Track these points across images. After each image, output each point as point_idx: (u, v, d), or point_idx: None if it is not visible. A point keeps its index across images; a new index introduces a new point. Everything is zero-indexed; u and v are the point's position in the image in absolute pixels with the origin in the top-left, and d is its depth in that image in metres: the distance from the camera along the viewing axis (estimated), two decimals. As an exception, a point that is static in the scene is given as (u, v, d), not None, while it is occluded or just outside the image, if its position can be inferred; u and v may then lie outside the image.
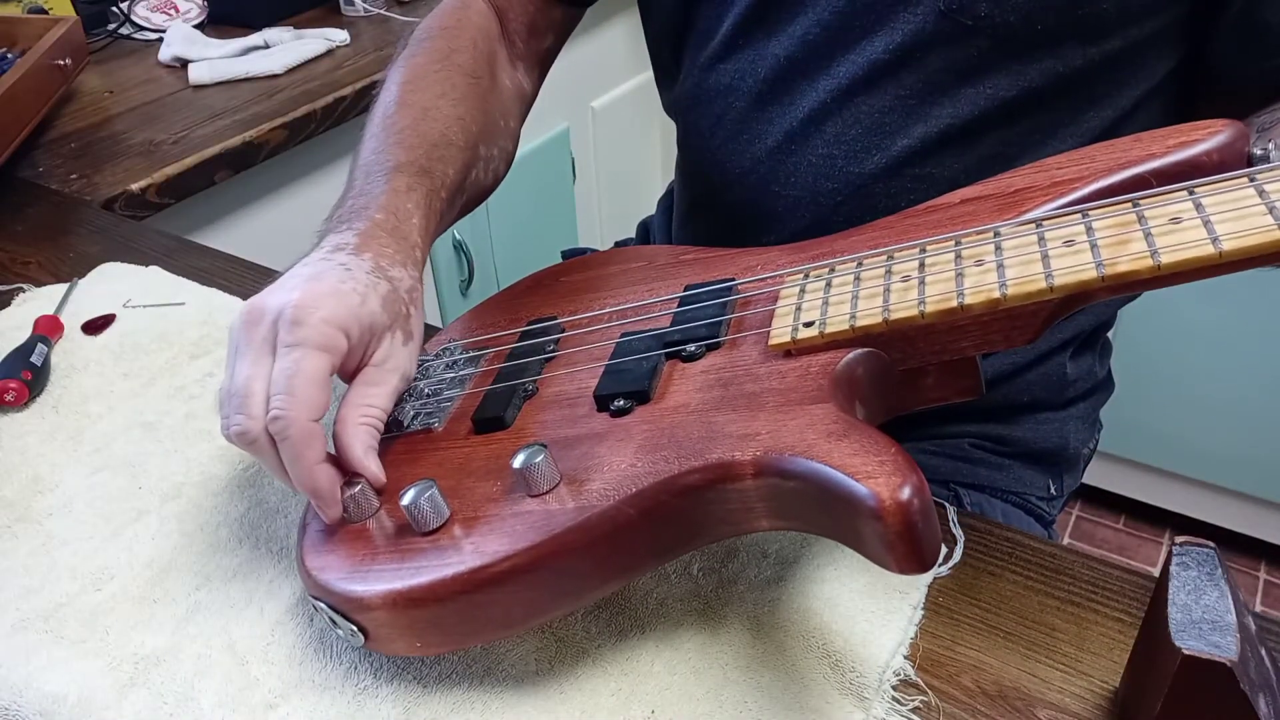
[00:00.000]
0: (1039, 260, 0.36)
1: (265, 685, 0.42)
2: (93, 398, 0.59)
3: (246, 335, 0.42)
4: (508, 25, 0.65)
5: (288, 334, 0.41)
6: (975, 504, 0.64)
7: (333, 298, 0.42)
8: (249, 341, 0.42)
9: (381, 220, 0.48)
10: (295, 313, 0.41)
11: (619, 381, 0.42)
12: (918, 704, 0.40)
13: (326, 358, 0.41)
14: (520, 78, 0.66)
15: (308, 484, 0.41)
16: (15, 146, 0.87)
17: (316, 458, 0.41)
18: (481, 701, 0.40)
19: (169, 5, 1.26)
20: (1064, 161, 0.41)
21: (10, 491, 0.53)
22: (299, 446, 0.40)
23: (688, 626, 0.43)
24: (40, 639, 0.44)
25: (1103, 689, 0.40)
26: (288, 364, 0.40)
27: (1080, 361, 0.67)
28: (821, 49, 0.57)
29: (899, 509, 0.30)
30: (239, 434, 0.41)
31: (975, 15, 0.52)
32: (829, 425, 0.34)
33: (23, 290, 0.70)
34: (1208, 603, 0.34)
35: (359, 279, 0.44)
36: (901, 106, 0.56)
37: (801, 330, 0.39)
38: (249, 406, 0.40)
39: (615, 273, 0.53)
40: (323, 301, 0.42)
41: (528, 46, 0.66)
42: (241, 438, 0.41)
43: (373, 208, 0.48)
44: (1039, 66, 0.53)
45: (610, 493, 0.37)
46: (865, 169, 0.58)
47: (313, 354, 0.41)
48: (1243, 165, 0.37)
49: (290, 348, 0.41)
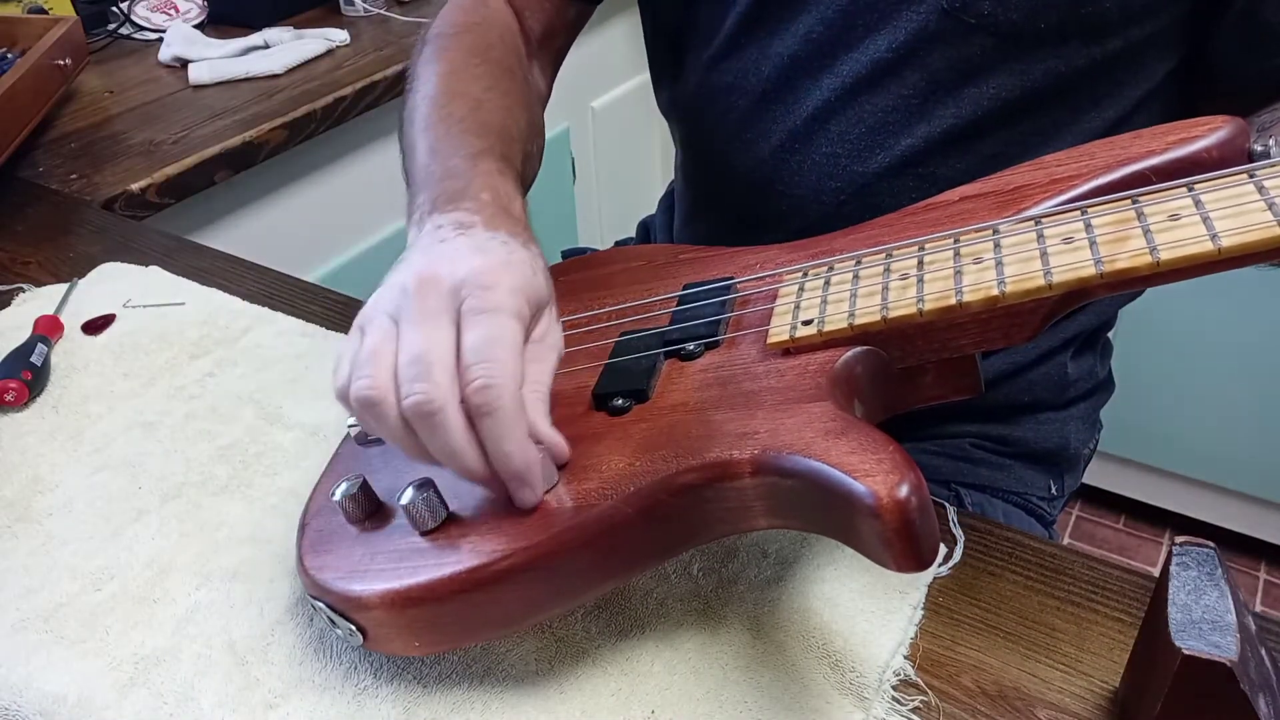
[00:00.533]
0: (1037, 258, 0.36)
1: (265, 685, 0.42)
2: (93, 398, 0.59)
3: (419, 303, 0.38)
4: (524, 23, 0.65)
5: (480, 300, 0.37)
6: (976, 504, 0.64)
7: (509, 269, 0.39)
8: (423, 309, 0.38)
9: (490, 200, 0.45)
10: (486, 278, 0.38)
11: (617, 380, 0.42)
12: (918, 704, 0.40)
13: (522, 327, 0.38)
14: (537, 77, 0.66)
15: (518, 460, 0.37)
16: (15, 146, 0.87)
17: (525, 432, 0.37)
18: (481, 701, 0.40)
19: (169, 5, 1.26)
20: (1063, 159, 0.41)
21: (10, 491, 0.53)
22: (511, 418, 0.36)
23: (688, 626, 0.43)
24: (40, 639, 0.44)
25: (1103, 689, 0.40)
26: (489, 330, 0.37)
27: (1081, 361, 0.67)
28: (825, 47, 0.57)
29: (896, 507, 0.30)
30: (418, 405, 0.36)
31: (978, 14, 0.51)
32: (827, 423, 0.34)
33: (23, 290, 0.70)
34: (1208, 603, 0.34)
35: (519, 253, 0.41)
36: (905, 105, 0.56)
37: (800, 329, 0.39)
38: (432, 374, 0.36)
39: (615, 272, 0.53)
40: (504, 271, 0.39)
41: (542, 45, 0.66)
42: (419, 409, 0.36)
43: (475, 188, 0.45)
44: (1042, 66, 0.53)
45: (608, 492, 0.37)
46: (869, 168, 0.58)
47: (512, 321, 0.37)
48: (1243, 162, 0.37)
49: (488, 314, 0.37)
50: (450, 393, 0.36)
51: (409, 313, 0.38)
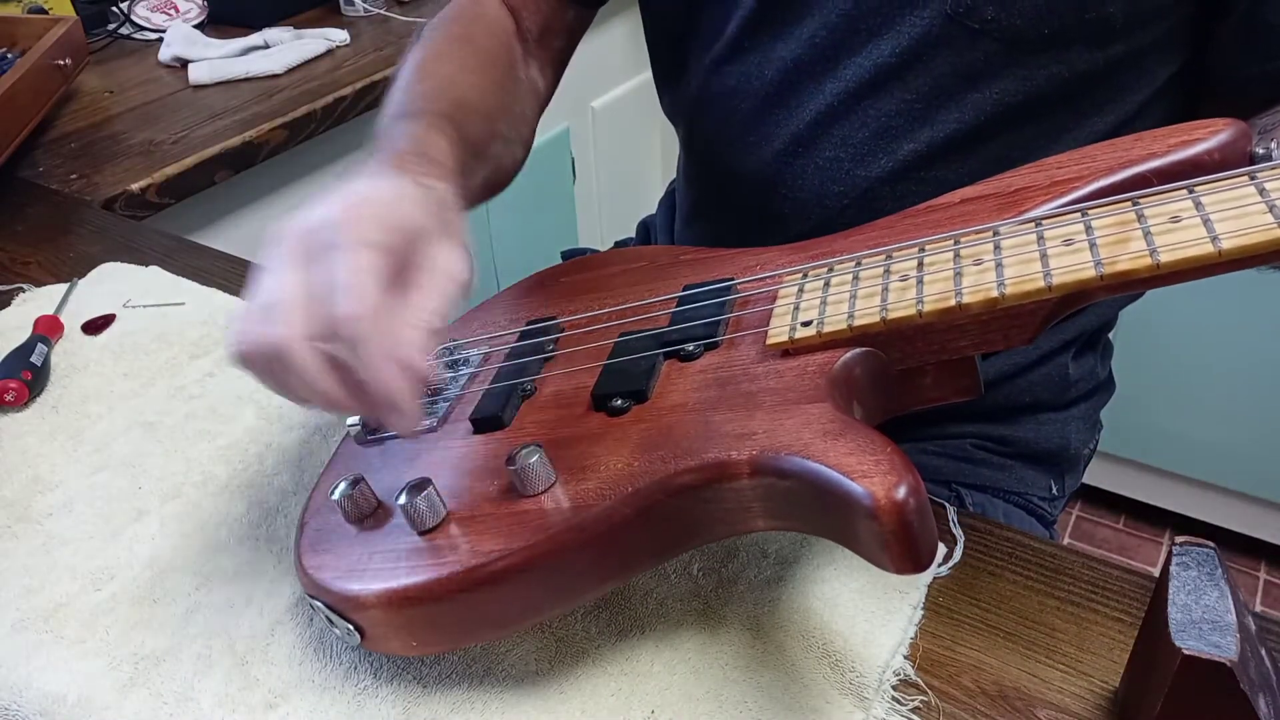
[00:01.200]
0: (1037, 259, 0.36)
1: (265, 685, 0.42)
2: (93, 398, 0.59)
3: (273, 253, 0.36)
4: (521, 24, 0.65)
5: (334, 234, 0.36)
6: (978, 504, 0.64)
7: (367, 202, 0.37)
8: (276, 258, 0.36)
9: (406, 148, 0.44)
10: (337, 215, 0.36)
11: (616, 381, 0.42)
12: (918, 704, 0.40)
13: (378, 255, 0.36)
14: (535, 75, 0.66)
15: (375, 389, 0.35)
16: (15, 146, 0.87)
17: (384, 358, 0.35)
18: (481, 701, 0.40)
19: (169, 5, 1.26)
20: (1064, 161, 0.41)
21: (10, 491, 0.53)
22: (380, 346, 0.34)
23: (688, 626, 0.43)
24: (40, 639, 0.44)
25: (1103, 689, 0.40)
26: (345, 261, 0.35)
27: (1082, 362, 0.67)
28: (828, 52, 0.57)
29: (894, 508, 0.30)
30: (260, 348, 0.35)
31: (982, 19, 0.51)
32: (825, 424, 0.34)
33: (23, 290, 0.70)
34: (1208, 603, 0.34)
35: (391, 183, 0.39)
36: (908, 110, 0.56)
37: (799, 330, 0.39)
38: (274, 316, 0.35)
39: (615, 273, 0.53)
40: (361, 205, 0.37)
41: (540, 45, 0.66)
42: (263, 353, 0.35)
43: (395, 141, 0.45)
44: (1045, 71, 0.53)
45: (606, 492, 0.37)
46: (871, 173, 0.58)
47: (363, 250, 0.35)
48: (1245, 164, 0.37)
49: (335, 248, 0.35)
50: (295, 331, 0.35)
51: (266, 266, 0.37)
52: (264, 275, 0.37)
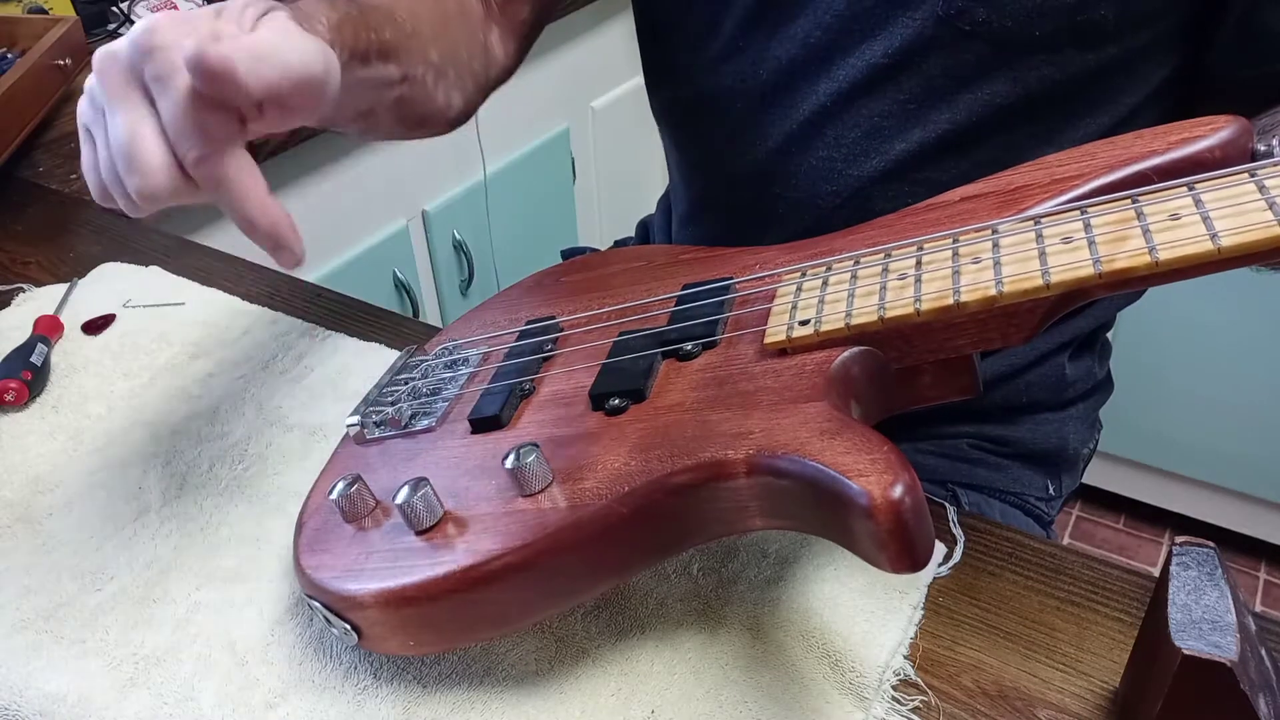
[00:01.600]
0: (1036, 257, 0.36)
1: (265, 685, 0.42)
2: (93, 398, 0.59)
3: (102, 85, 0.36)
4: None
5: (150, 64, 0.35)
6: (973, 504, 0.64)
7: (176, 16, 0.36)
8: (109, 91, 0.36)
9: None
10: (145, 38, 0.35)
11: (614, 380, 0.42)
12: (918, 704, 0.40)
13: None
14: (494, 41, 0.63)
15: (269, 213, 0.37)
16: (15, 146, 0.87)
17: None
18: (481, 701, 0.40)
19: (168, 5, 1.26)
20: (1064, 159, 0.41)
21: (10, 491, 0.53)
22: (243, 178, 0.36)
23: (688, 626, 0.43)
24: (40, 639, 0.44)
25: (1103, 689, 0.40)
26: (176, 95, 0.35)
27: (1079, 363, 0.67)
28: (821, 52, 0.57)
29: (890, 507, 0.30)
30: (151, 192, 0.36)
31: (973, 20, 0.51)
32: (822, 423, 0.34)
33: (23, 290, 0.70)
34: (1208, 603, 0.34)
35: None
36: (900, 111, 0.56)
37: (797, 329, 0.39)
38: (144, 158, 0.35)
39: (614, 273, 0.53)
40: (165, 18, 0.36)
41: (504, 13, 0.64)
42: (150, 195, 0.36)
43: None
44: (1037, 73, 0.53)
45: (603, 492, 0.37)
46: (864, 172, 0.58)
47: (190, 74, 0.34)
48: (1246, 162, 0.37)
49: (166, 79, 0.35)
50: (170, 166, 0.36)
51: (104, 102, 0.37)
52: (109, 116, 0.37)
